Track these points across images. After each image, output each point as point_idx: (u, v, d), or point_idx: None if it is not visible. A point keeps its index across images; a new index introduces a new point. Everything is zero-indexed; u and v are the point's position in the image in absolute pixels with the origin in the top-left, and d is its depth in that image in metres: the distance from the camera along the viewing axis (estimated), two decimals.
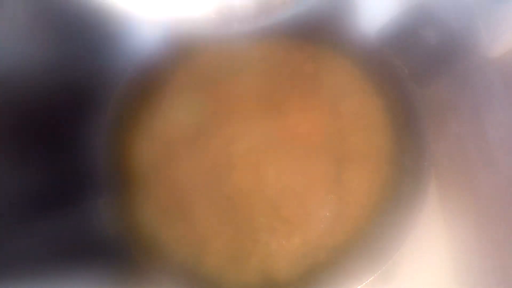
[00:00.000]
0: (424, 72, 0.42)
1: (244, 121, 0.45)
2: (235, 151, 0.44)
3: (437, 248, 0.47)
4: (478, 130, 0.41)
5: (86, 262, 0.45)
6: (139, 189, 0.44)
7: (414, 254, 0.46)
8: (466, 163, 0.44)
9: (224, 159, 0.43)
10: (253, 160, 0.43)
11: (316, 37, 0.47)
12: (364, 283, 0.36)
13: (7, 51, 0.59)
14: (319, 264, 0.40)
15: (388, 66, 0.43)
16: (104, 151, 0.41)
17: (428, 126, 0.40)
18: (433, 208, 0.49)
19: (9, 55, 0.59)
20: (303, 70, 0.47)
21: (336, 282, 0.37)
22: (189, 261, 0.40)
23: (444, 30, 0.42)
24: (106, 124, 0.42)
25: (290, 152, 0.44)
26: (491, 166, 0.39)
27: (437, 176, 0.50)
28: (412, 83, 0.42)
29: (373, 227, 0.41)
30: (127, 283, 0.44)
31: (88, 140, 0.49)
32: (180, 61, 0.47)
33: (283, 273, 0.40)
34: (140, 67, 0.44)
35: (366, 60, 0.46)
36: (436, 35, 0.42)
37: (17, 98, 0.56)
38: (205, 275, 0.39)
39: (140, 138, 0.46)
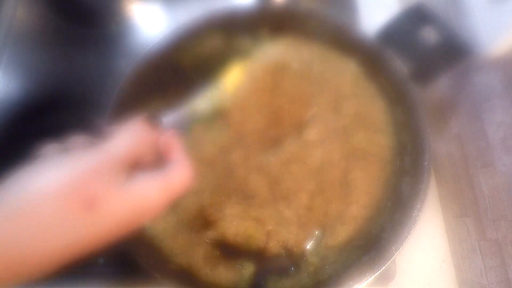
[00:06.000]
0: (424, 72, 0.42)
1: (244, 120, 0.45)
2: (234, 152, 0.43)
3: (437, 248, 0.47)
4: (478, 130, 0.41)
5: (87, 262, 0.45)
6: None
7: (414, 254, 0.46)
8: (466, 163, 0.44)
9: (225, 157, 0.43)
10: (257, 160, 0.43)
11: (319, 37, 0.47)
12: (364, 283, 0.36)
13: (8, 51, 0.59)
14: (320, 263, 0.40)
15: (388, 66, 0.43)
16: None
17: (428, 126, 0.40)
18: (433, 208, 0.49)
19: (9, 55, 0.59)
20: (307, 70, 0.47)
21: (336, 282, 0.37)
22: (189, 262, 0.40)
23: (444, 30, 0.42)
24: (106, 124, 0.42)
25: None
26: (491, 166, 0.39)
27: (437, 176, 0.50)
28: (412, 83, 0.42)
29: (373, 227, 0.41)
30: (127, 283, 0.44)
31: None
32: (180, 60, 0.47)
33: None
34: (140, 67, 0.44)
35: (367, 60, 0.46)
36: (436, 35, 0.42)
37: (21, 101, 0.56)
38: (204, 276, 0.40)
39: None
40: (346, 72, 0.47)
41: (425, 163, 0.39)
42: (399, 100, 0.44)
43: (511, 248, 0.36)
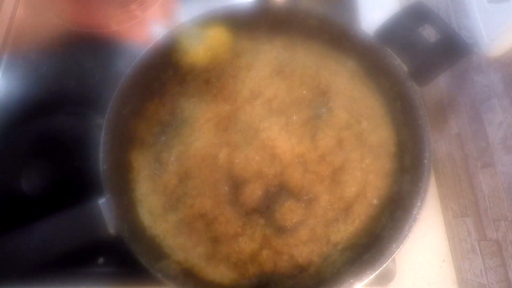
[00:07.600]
0: (424, 71, 0.42)
1: (244, 119, 0.45)
2: (236, 150, 0.43)
3: (437, 248, 0.47)
4: (478, 130, 0.41)
5: (87, 262, 0.45)
6: (139, 188, 0.44)
7: (414, 254, 0.46)
8: (466, 163, 0.44)
9: (227, 155, 0.43)
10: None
11: (319, 37, 0.47)
12: (364, 283, 0.36)
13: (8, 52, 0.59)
14: (321, 262, 0.40)
15: (388, 65, 0.43)
16: (105, 151, 0.41)
17: (428, 125, 0.40)
18: (433, 208, 0.49)
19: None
20: (306, 69, 0.47)
21: (337, 280, 0.37)
22: (189, 262, 0.40)
23: (444, 29, 0.42)
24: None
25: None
26: (491, 166, 0.39)
27: (437, 176, 0.50)
28: (412, 82, 0.42)
29: (374, 226, 0.41)
30: (127, 283, 0.44)
31: (88, 140, 0.49)
32: (180, 60, 0.47)
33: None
34: (139, 67, 0.44)
35: (367, 59, 0.46)
36: (436, 34, 0.42)
37: (21, 100, 0.56)
38: (205, 276, 0.40)
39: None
40: (345, 71, 0.47)
41: (425, 161, 0.39)
42: (398, 99, 0.44)
43: (511, 248, 0.36)
